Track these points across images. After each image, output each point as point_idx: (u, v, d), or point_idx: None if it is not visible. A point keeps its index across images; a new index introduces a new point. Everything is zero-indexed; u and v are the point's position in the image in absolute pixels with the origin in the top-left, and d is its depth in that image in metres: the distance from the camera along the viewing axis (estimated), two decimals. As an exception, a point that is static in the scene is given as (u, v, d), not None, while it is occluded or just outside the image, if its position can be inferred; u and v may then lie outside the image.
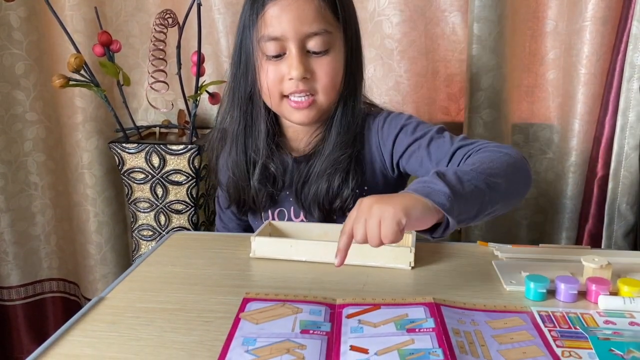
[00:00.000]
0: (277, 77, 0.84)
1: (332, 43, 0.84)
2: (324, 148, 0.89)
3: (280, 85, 0.85)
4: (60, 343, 0.58)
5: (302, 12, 0.81)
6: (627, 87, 1.13)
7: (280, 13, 0.81)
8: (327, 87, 0.85)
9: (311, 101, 0.86)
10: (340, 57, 0.86)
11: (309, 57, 0.84)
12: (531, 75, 1.29)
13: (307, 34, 0.82)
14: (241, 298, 0.67)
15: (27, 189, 1.55)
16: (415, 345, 0.55)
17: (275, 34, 0.82)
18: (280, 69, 0.84)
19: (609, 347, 0.56)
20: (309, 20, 0.82)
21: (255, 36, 0.84)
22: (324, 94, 0.86)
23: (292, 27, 0.81)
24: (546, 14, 1.25)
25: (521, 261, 0.77)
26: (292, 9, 0.81)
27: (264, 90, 0.86)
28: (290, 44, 0.82)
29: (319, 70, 0.84)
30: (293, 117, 0.88)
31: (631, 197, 1.18)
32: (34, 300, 1.63)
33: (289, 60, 0.83)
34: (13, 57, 1.43)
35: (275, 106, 0.87)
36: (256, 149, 0.90)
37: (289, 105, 0.86)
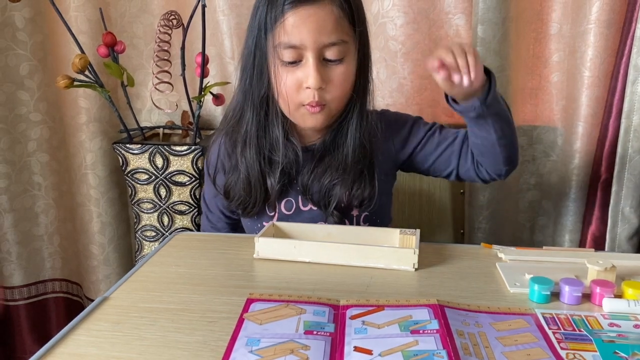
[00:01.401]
0: (293, 84, 0.85)
1: (347, 52, 0.85)
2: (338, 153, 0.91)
3: (297, 93, 0.85)
4: (64, 342, 0.58)
5: (322, 23, 0.82)
6: (631, 89, 1.13)
7: (300, 22, 0.81)
8: (339, 96, 0.87)
9: (322, 107, 0.87)
10: (353, 65, 0.87)
11: (324, 66, 0.84)
12: (535, 78, 1.29)
13: (326, 44, 0.83)
14: (245, 298, 0.67)
15: (31, 189, 1.55)
16: (419, 346, 0.55)
17: (294, 42, 0.82)
18: (296, 75, 0.84)
19: (613, 350, 0.55)
20: (328, 31, 0.82)
21: (272, 41, 0.84)
22: (335, 102, 0.87)
23: (312, 37, 0.81)
24: (550, 17, 1.25)
25: (525, 263, 0.77)
26: (312, 19, 0.81)
27: (281, 95, 0.87)
28: (308, 53, 0.83)
29: (334, 79, 0.85)
30: (306, 123, 0.89)
31: (635, 200, 1.17)
32: (36, 300, 1.63)
33: (305, 68, 0.83)
34: (18, 57, 1.44)
35: (291, 112, 0.88)
36: (273, 149, 0.91)
37: (305, 111, 0.87)
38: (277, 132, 0.90)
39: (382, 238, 0.85)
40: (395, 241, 0.84)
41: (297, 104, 0.86)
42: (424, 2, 1.27)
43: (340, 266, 0.77)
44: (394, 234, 0.85)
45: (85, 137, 1.45)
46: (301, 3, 0.81)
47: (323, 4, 0.82)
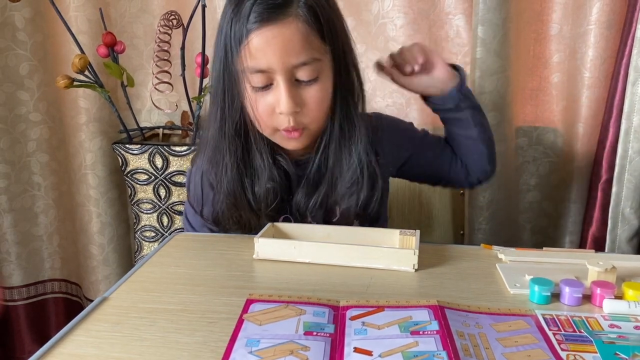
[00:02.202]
0: (266, 109, 0.79)
1: (321, 69, 0.79)
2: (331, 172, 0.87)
3: (271, 118, 0.80)
4: (63, 343, 0.58)
5: (289, 43, 0.75)
6: (631, 90, 1.13)
7: (265, 44, 0.74)
8: (317, 116, 0.82)
9: (301, 131, 0.82)
10: (329, 82, 0.81)
11: (297, 87, 0.78)
12: (535, 79, 1.29)
13: (295, 65, 0.76)
14: (244, 299, 0.66)
15: (30, 190, 1.55)
16: (419, 347, 0.55)
17: (261, 67, 0.76)
18: (268, 100, 0.79)
19: (614, 351, 0.55)
20: (296, 51, 0.75)
21: (239, 65, 0.77)
22: (314, 123, 0.82)
23: (279, 60, 0.75)
24: (551, 18, 1.25)
25: (525, 264, 0.77)
26: (277, 40, 0.74)
27: (255, 121, 0.81)
28: (277, 76, 0.76)
29: (309, 100, 0.79)
30: (287, 145, 0.85)
31: (635, 201, 1.17)
32: (36, 300, 1.63)
33: (277, 93, 0.77)
34: (17, 57, 1.44)
35: (269, 136, 0.84)
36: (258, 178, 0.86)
37: (282, 135, 0.82)
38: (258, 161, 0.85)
39: (382, 239, 0.84)
40: (395, 242, 0.84)
41: (272, 129, 0.82)
42: (424, 3, 1.27)
43: (340, 267, 0.77)
44: (393, 234, 0.85)
45: (85, 137, 1.45)
46: (263, 23, 0.74)
47: (287, 22, 0.75)
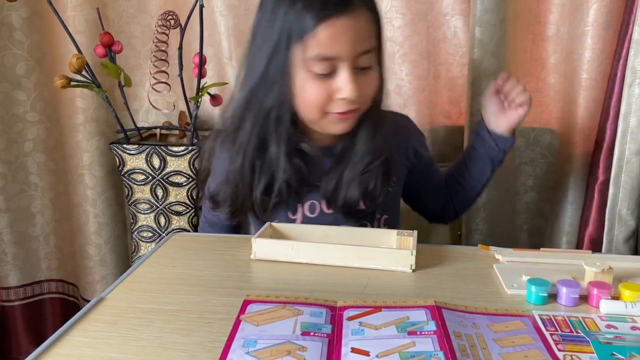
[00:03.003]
0: (324, 95, 0.81)
1: (373, 57, 0.83)
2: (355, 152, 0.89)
3: (326, 103, 0.82)
4: (60, 343, 0.58)
5: (360, 32, 0.79)
6: (628, 92, 1.13)
7: (337, 34, 0.77)
8: (368, 100, 0.85)
9: (355, 113, 0.85)
10: (378, 70, 0.85)
11: (356, 74, 0.81)
12: (532, 80, 1.29)
13: (360, 52, 0.80)
14: (242, 300, 0.66)
15: (27, 190, 1.55)
16: (416, 348, 0.55)
17: (328, 55, 0.78)
18: (328, 87, 0.80)
19: (610, 351, 0.55)
20: (364, 39, 0.80)
21: (299, 53, 0.79)
22: (364, 105, 0.85)
23: (349, 47, 0.78)
24: (548, 19, 1.25)
25: (522, 265, 0.77)
26: (350, 30, 0.77)
27: (305, 106, 0.83)
28: (342, 64, 0.79)
29: (365, 86, 0.82)
30: (334, 129, 0.86)
31: (632, 202, 1.17)
32: (32, 301, 1.62)
33: (340, 80, 0.80)
34: (14, 57, 1.43)
35: (315, 121, 0.85)
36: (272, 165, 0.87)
37: (333, 119, 0.84)
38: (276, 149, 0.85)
39: (380, 239, 0.85)
40: (392, 242, 0.84)
41: (323, 113, 0.83)
42: (422, 4, 1.27)
43: (338, 267, 0.77)
44: (391, 235, 0.85)
45: (82, 137, 1.45)
46: (336, 14, 0.76)
47: (359, 13, 0.78)
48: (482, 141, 1.02)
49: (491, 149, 1.01)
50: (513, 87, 0.98)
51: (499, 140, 1.00)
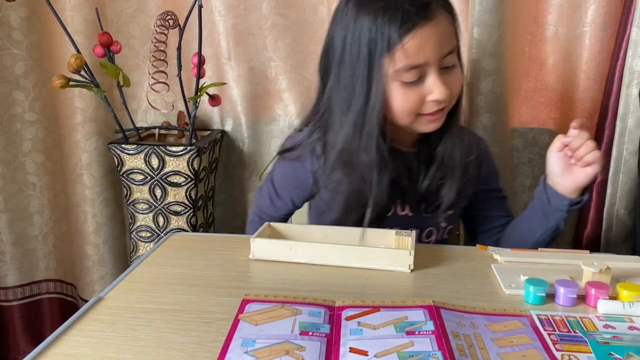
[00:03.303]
0: (417, 100, 0.83)
1: (456, 55, 0.85)
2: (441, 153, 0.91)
3: (420, 105, 0.84)
4: (58, 343, 0.58)
5: (443, 36, 0.81)
6: (626, 92, 1.13)
7: (423, 42, 0.79)
8: (455, 97, 0.87)
9: (444, 110, 0.87)
10: (459, 66, 0.88)
11: (443, 74, 0.83)
12: (531, 80, 1.29)
13: (445, 54, 0.82)
14: (240, 299, 0.66)
15: (25, 190, 1.55)
16: (414, 347, 0.55)
17: (417, 63, 0.80)
18: (419, 92, 0.83)
19: (608, 351, 0.56)
20: (447, 41, 0.82)
21: (388, 65, 0.81)
22: (452, 102, 0.88)
23: (436, 53, 0.81)
24: (546, 19, 1.25)
25: (520, 265, 0.77)
26: (434, 37, 0.80)
27: (399, 113, 0.85)
28: (430, 68, 0.82)
29: (452, 84, 0.84)
30: (425, 128, 0.88)
31: (630, 202, 1.18)
32: (30, 301, 1.62)
33: (430, 84, 0.82)
34: (13, 57, 1.43)
35: (408, 123, 0.87)
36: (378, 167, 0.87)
37: (424, 120, 0.86)
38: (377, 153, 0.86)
39: (378, 239, 0.85)
40: (391, 242, 0.84)
41: (415, 115, 0.86)
42: (421, 4, 1.27)
43: (336, 267, 0.77)
44: (389, 235, 0.85)
45: (80, 137, 1.45)
46: (420, 24, 0.79)
47: (439, 18, 0.81)
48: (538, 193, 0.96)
49: (544, 205, 0.94)
50: (582, 143, 0.87)
51: (553, 198, 0.92)
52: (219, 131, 1.44)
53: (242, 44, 1.37)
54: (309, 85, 1.37)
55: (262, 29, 1.35)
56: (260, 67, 1.38)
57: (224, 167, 1.48)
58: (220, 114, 1.45)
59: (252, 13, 1.34)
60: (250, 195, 1.48)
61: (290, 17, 1.34)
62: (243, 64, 1.38)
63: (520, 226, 0.99)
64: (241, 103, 1.41)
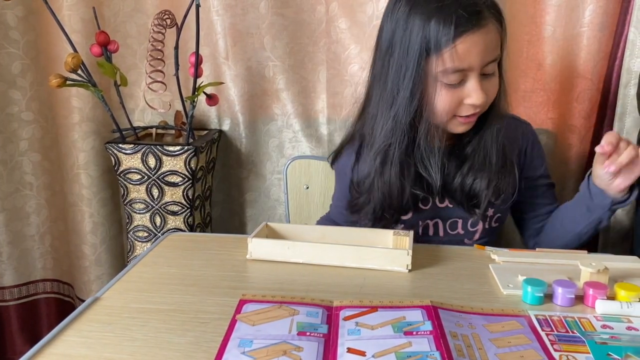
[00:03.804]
0: (455, 101, 0.87)
1: (497, 64, 0.88)
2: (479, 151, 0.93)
3: (457, 107, 0.87)
4: (55, 343, 0.58)
5: (490, 44, 0.84)
6: (624, 92, 1.13)
7: (472, 47, 0.82)
8: (489, 103, 0.90)
9: (477, 114, 0.90)
10: (498, 75, 0.90)
11: (482, 80, 0.86)
12: (528, 80, 1.29)
13: (488, 62, 0.85)
14: (237, 299, 0.66)
15: (22, 189, 1.54)
16: (412, 348, 0.55)
17: (462, 67, 0.83)
18: (458, 94, 0.86)
19: (606, 352, 0.56)
20: (492, 49, 0.85)
21: (434, 66, 0.84)
22: (486, 107, 0.90)
23: (481, 59, 0.84)
24: (544, 20, 1.25)
25: (518, 265, 0.77)
26: (482, 43, 0.83)
27: (437, 111, 0.88)
28: (472, 73, 0.85)
29: (489, 90, 0.88)
30: (458, 129, 0.91)
31: (627, 202, 1.18)
32: (27, 301, 1.62)
33: (469, 88, 0.85)
34: (10, 56, 1.43)
35: (444, 123, 0.90)
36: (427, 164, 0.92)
37: (457, 121, 0.90)
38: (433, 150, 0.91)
39: (376, 239, 0.85)
40: (388, 242, 0.84)
41: (451, 116, 0.89)
42: (419, 4, 1.27)
43: (334, 267, 0.77)
44: (387, 235, 0.85)
45: (77, 137, 1.44)
46: (472, 30, 0.82)
47: (490, 26, 0.83)
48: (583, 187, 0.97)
49: (588, 199, 0.94)
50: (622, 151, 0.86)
51: (596, 195, 0.92)
52: (216, 131, 1.43)
53: (240, 44, 1.36)
54: (306, 85, 1.37)
55: (260, 28, 1.35)
56: (258, 66, 1.38)
57: (221, 167, 1.48)
58: (218, 113, 1.45)
59: (250, 12, 1.34)
60: (248, 195, 1.48)
61: (288, 16, 1.33)
62: (241, 64, 1.37)
63: (564, 216, 1.00)
64: (239, 102, 1.40)
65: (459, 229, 0.99)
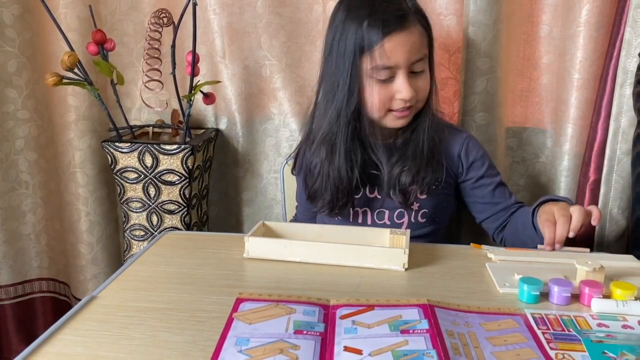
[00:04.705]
0: (387, 97, 0.97)
1: (426, 63, 0.99)
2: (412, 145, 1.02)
3: (389, 102, 0.97)
4: (51, 341, 0.58)
5: (414, 44, 0.95)
6: (619, 92, 1.13)
7: (397, 46, 0.93)
8: (423, 99, 1.01)
9: (410, 109, 0.99)
10: (428, 72, 1.01)
11: (411, 78, 0.97)
12: (525, 80, 1.29)
13: (414, 61, 0.96)
14: (234, 298, 0.66)
15: (18, 188, 1.54)
16: (409, 346, 0.55)
17: (390, 64, 0.94)
18: (389, 90, 0.96)
19: (602, 350, 0.56)
20: (417, 49, 0.96)
21: (367, 63, 0.94)
22: (420, 103, 1.00)
23: (406, 58, 0.94)
24: (540, 19, 1.25)
25: (514, 264, 0.78)
26: (406, 43, 0.94)
27: (372, 106, 0.98)
28: (400, 71, 0.95)
29: (420, 87, 0.98)
30: (394, 124, 1.01)
31: (623, 201, 1.18)
32: (23, 300, 1.61)
33: (398, 84, 0.96)
34: (5, 54, 1.42)
35: (380, 118, 1.00)
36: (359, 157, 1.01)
37: (393, 116, 0.99)
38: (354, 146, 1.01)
39: (373, 238, 0.85)
40: (385, 241, 0.84)
41: (386, 111, 0.99)
42: (416, 3, 1.28)
43: (331, 266, 0.77)
44: (384, 233, 0.85)
45: (74, 136, 1.44)
46: (396, 30, 0.93)
47: (413, 28, 0.95)
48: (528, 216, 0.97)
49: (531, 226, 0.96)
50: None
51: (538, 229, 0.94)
52: (213, 130, 1.43)
53: (237, 42, 1.36)
54: (303, 84, 1.37)
55: (257, 27, 1.35)
56: (255, 65, 1.38)
57: (218, 166, 1.48)
58: (215, 112, 1.45)
59: (247, 11, 1.34)
60: (245, 194, 1.48)
61: (285, 15, 1.33)
62: (237, 63, 1.37)
63: (517, 219, 1.04)
64: (235, 101, 1.40)
65: (386, 220, 1.06)
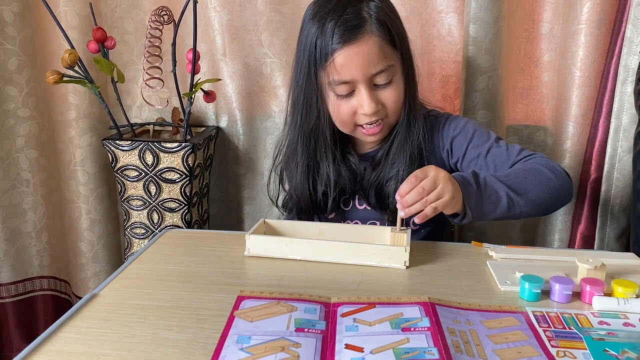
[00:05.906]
0: (350, 111, 0.91)
1: (394, 72, 0.90)
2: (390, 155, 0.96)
3: (353, 118, 0.92)
4: (52, 340, 0.58)
5: (368, 56, 0.86)
6: (621, 90, 1.13)
7: (348, 60, 0.86)
8: (395, 111, 0.93)
9: (382, 125, 0.93)
10: (401, 81, 0.92)
11: (376, 90, 0.90)
12: (526, 78, 1.29)
13: (374, 74, 0.88)
14: (235, 296, 0.66)
15: (19, 186, 1.54)
16: (410, 344, 0.55)
17: (345, 79, 0.88)
18: (351, 104, 0.90)
19: (603, 348, 0.56)
20: (374, 62, 0.87)
21: (324, 78, 0.90)
22: (392, 116, 0.93)
23: (361, 72, 0.87)
24: (542, 17, 1.25)
25: (516, 262, 0.78)
26: (358, 56, 0.86)
27: (338, 121, 0.94)
28: (359, 85, 0.88)
29: (387, 100, 0.91)
30: (367, 139, 0.96)
31: (624, 199, 1.18)
32: (24, 298, 1.61)
33: (359, 98, 0.89)
34: (6, 52, 1.42)
35: (350, 132, 0.95)
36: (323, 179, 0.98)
37: (362, 132, 0.94)
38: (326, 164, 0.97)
39: (374, 236, 0.85)
40: (386, 239, 0.84)
41: (353, 126, 0.93)
42: (416, 1, 1.27)
43: (332, 264, 0.77)
44: (385, 232, 0.85)
45: (74, 134, 1.44)
46: (345, 43, 0.86)
47: (366, 39, 0.86)
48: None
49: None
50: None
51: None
52: (213, 127, 1.43)
53: (237, 40, 1.36)
54: (304, 82, 1.37)
55: (258, 25, 1.35)
56: (256, 63, 1.38)
57: (218, 164, 1.48)
58: (215, 110, 1.45)
59: (248, 9, 1.34)
60: (245, 192, 1.48)
61: (285, 13, 1.33)
62: (238, 60, 1.37)
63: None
64: (236, 99, 1.40)
65: None
